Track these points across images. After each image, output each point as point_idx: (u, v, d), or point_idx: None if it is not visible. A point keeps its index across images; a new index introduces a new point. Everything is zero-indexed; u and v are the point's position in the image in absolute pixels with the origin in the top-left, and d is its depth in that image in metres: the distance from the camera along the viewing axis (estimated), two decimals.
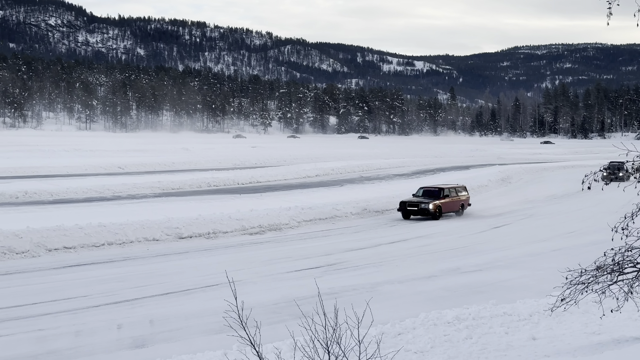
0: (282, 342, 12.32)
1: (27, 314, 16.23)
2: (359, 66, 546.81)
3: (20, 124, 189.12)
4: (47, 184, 43.36)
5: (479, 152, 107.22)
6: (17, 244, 23.80)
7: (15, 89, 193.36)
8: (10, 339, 14.19)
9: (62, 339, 14.24)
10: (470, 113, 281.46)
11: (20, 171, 52.97)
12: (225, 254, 25.17)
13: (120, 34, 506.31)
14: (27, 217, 28.93)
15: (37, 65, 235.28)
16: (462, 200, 37.77)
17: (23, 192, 39.61)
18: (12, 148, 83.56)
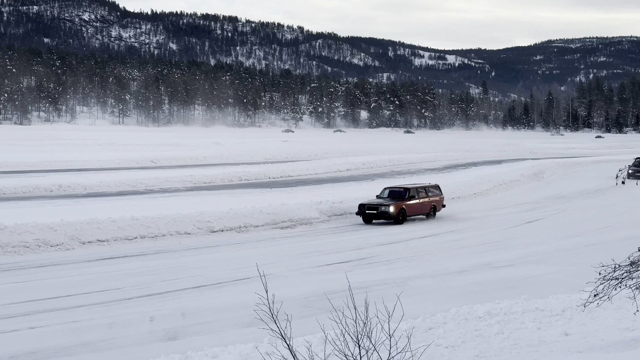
0: (312, 336, 12.34)
1: (62, 305, 16.43)
2: (390, 60, 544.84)
3: (55, 118, 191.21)
4: (81, 177, 43.82)
5: (511, 147, 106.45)
6: (52, 236, 24.10)
7: (49, 84, 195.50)
8: (45, 330, 14.38)
9: (96, 330, 14.39)
10: (502, 107, 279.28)
11: (54, 165, 53.63)
12: (256, 248, 25.28)
13: (153, 28, 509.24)
14: (61, 210, 29.27)
15: (71, 60, 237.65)
16: (434, 201, 33.81)
17: (57, 186, 40.08)
18: (47, 142, 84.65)
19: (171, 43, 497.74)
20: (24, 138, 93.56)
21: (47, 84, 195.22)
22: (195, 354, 12.19)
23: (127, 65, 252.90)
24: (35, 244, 23.54)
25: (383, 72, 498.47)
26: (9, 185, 39.04)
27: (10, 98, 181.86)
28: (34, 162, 53.73)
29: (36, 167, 52.00)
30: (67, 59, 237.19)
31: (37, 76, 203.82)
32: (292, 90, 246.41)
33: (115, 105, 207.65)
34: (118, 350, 13.02)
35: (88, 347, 13.27)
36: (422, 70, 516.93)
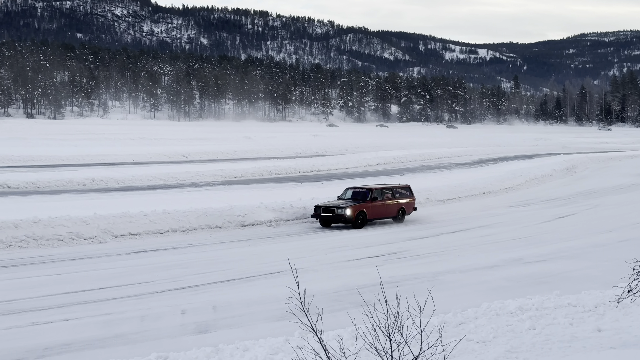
0: (343, 330, 12.36)
1: (95, 298, 16.62)
2: (421, 54, 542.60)
3: (88, 113, 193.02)
4: (113, 171, 44.22)
5: (543, 141, 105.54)
6: (85, 230, 24.37)
7: (82, 79, 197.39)
8: (78, 323, 14.56)
9: (128, 323, 14.54)
10: (534, 101, 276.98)
11: (87, 159, 54.16)
12: (287, 242, 25.35)
13: (184, 23, 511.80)
14: (94, 203, 29.56)
15: (104, 55, 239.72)
16: (402, 204, 30.65)
17: (90, 180, 40.48)
18: (80, 136, 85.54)
19: (202, 38, 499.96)
20: (57, 132, 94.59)
21: (80, 78, 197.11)
22: (227, 347, 12.26)
23: (158, 60, 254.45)
24: (68, 237, 23.83)
25: (414, 67, 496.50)
26: (43, 179, 39.51)
27: (44, 93, 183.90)
28: (67, 156, 54.31)
29: (69, 161, 52.56)
30: (99, 54, 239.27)
31: (70, 71, 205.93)
32: (322, 85, 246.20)
33: (147, 100, 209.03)
34: (150, 343, 13.14)
35: (121, 339, 13.41)
36: (453, 65, 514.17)
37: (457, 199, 38.00)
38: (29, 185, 37.99)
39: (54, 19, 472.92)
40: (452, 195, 38.14)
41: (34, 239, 23.15)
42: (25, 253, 22.10)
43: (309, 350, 8.31)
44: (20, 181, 38.28)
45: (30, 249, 22.49)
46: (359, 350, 8.51)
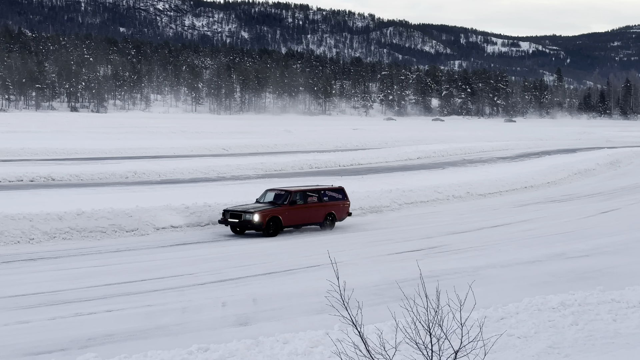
0: (383, 324, 12.34)
1: (137, 290, 16.81)
2: (462, 47, 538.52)
3: (130, 106, 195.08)
4: (155, 164, 44.63)
5: (586, 135, 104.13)
6: (127, 222, 24.65)
7: (125, 72, 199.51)
8: (121, 314, 14.74)
9: (170, 315, 14.69)
10: (577, 95, 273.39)
11: (129, 152, 54.74)
12: (328, 235, 25.38)
13: (225, 17, 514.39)
14: (136, 196, 29.88)
15: (146, 49, 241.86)
16: (331, 208, 26.93)
17: (132, 172, 40.92)
18: (122, 129, 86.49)
19: (243, 31, 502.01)
20: (100, 126, 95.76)
21: (122, 72, 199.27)
22: (267, 340, 12.31)
23: (200, 54, 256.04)
24: (111, 229, 24.12)
25: (454, 60, 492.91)
26: (87, 171, 40.03)
27: (87, 86, 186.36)
28: (110, 149, 54.95)
29: (112, 154, 53.18)
30: (142, 48, 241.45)
31: (113, 65, 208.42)
32: (362, 79, 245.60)
33: (189, 94, 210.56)
34: (191, 334, 13.26)
35: (162, 331, 13.55)
36: (495, 58, 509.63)
37: (499, 193, 37.70)
38: (72, 177, 38.52)
39: (97, 13, 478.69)
40: (493, 190, 37.84)
41: (77, 231, 23.48)
42: (69, 245, 22.43)
43: (349, 344, 8.31)
44: (64, 174, 38.83)
45: (73, 241, 22.82)
46: (399, 343, 8.48)
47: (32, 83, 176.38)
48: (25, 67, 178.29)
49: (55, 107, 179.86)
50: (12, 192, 31.12)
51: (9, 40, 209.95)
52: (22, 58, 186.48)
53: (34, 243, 22.35)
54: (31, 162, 45.33)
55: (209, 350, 11.78)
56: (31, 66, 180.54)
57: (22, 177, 37.27)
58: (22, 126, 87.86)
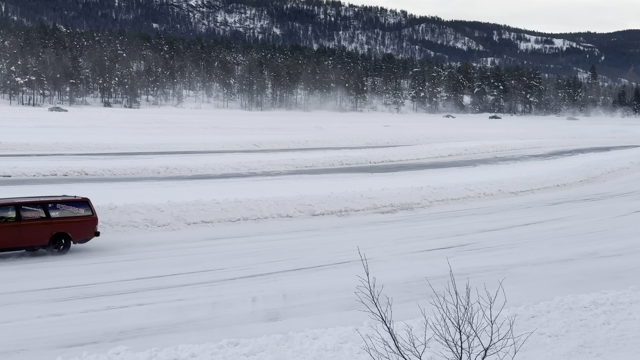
0: (412, 320, 12.33)
1: (168, 284, 16.95)
2: (494, 44, 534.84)
3: (162, 102, 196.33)
4: (187, 159, 44.89)
5: (620, 133, 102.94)
6: (159, 217, 24.84)
7: (157, 68, 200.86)
8: (152, 307, 14.88)
9: (200, 309, 14.79)
10: (612, 93, 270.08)
11: (161, 147, 55.11)
12: (357, 232, 25.36)
13: (257, 13, 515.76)
14: (168, 191, 30.07)
15: (178, 45, 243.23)
16: (63, 227, 20.70)
17: (164, 167, 41.20)
18: (154, 125, 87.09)
19: (275, 28, 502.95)
20: (133, 121, 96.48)
21: (155, 68, 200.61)
22: (296, 335, 12.36)
23: (232, 50, 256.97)
24: (143, 224, 24.33)
25: (487, 57, 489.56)
26: (119, 166, 40.37)
27: (120, 82, 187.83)
28: (142, 144, 55.36)
29: (144, 149, 53.57)
30: (174, 44, 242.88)
31: (146, 61, 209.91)
32: (394, 75, 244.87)
33: (220, 90, 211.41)
34: (221, 329, 13.34)
35: (193, 325, 13.65)
36: (528, 55, 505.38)
37: (530, 191, 37.42)
38: (105, 172, 38.88)
39: (130, 9, 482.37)
40: (524, 188, 37.56)
41: (110, 225, 23.71)
42: (102, 239, 22.63)
43: (378, 340, 8.32)
44: (97, 168, 39.21)
45: (106, 235, 23.02)
46: (429, 340, 8.48)
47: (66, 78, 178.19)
48: (59, 62, 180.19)
49: (89, 102, 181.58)
50: (46, 186, 31.47)
51: (44, 36, 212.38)
52: (57, 53, 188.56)
53: None
54: (65, 156, 45.81)
55: (239, 345, 11.85)
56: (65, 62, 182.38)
57: (56, 172, 37.73)
58: (57, 121, 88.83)
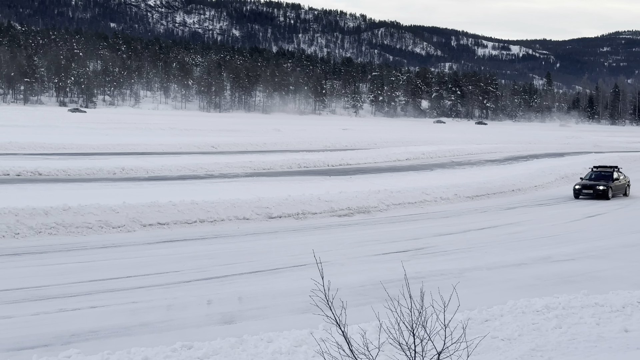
0: (367, 324, 12.36)
1: (122, 286, 16.76)
2: (453, 50, 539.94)
3: (119, 102, 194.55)
4: (143, 161, 44.51)
5: (574, 139, 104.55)
6: (114, 218, 24.57)
7: (115, 68, 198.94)
8: (105, 310, 14.70)
9: (155, 312, 14.65)
10: (566, 99, 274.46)
11: (118, 148, 54.57)
12: (314, 235, 25.36)
13: (217, 15, 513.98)
14: (123, 192, 29.78)
15: (136, 45, 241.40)
16: None
17: (120, 169, 40.79)
18: (111, 125, 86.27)
19: (234, 29, 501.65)
20: (89, 121, 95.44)
21: (112, 68, 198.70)
22: (251, 338, 12.31)
23: (190, 51, 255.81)
24: (97, 225, 24.04)
25: (445, 62, 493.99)
26: (74, 167, 39.88)
27: (76, 81, 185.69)
28: (98, 145, 54.77)
29: (100, 149, 52.99)
30: (132, 43, 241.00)
31: (103, 60, 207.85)
32: (353, 79, 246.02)
33: (178, 91, 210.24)
34: (176, 332, 13.23)
35: (147, 328, 13.52)
36: (485, 61, 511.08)
37: (486, 196, 37.79)
38: (59, 172, 38.37)
39: (88, 8, 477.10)
40: (480, 192, 37.93)
41: (63, 227, 23.39)
42: (55, 240, 22.34)
43: (333, 343, 8.32)
44: (52, 168, 38.67)
45: (59, 236, 22.72)
46: (382, 344, 8.50)
47: (20, 77, 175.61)
48: (14, 60, 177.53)
49: (44, 102, 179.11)
50: None
51: None
52: (11, 52, 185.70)
53: (19, 238, 22.24)
54: (18, 156, 45.14)
55: (192, 348, 11.77)
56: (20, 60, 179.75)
57: (9, 172, 37.10)
58: (10, 120, 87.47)
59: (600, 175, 39.58)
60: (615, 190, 38.88)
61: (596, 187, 38.07)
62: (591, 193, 38.09)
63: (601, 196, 37.86)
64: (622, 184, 39.68)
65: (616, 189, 38.98)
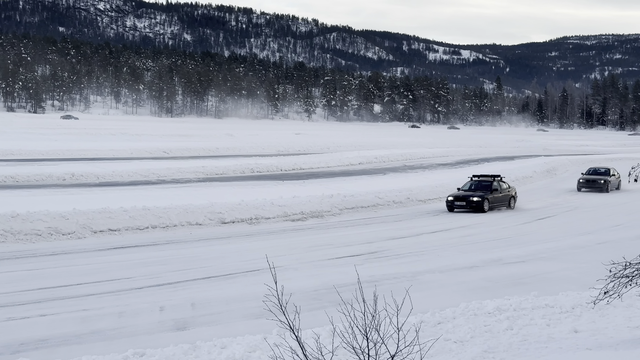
0: (321, 328, 12.37)
1: (72, 294, 16.52)
2: (404, 54, 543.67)
3: (69, 107, 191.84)
4: (94, 166, 43.99)
5: (524, 143, 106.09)
6: (64, 225, 24.21)
7: (64, 73, 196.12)
8: (55, 318, 14.46)
9: (106, 319, 14.46)
10: (516, 103, 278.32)
11: (67, 154, 53.84)
12: (267, 240, 25.31)
13: (168, 19, 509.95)
14: (73, 199, 29.39)
15: (86, 49, 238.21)
16: None
17: (70, 174, 40.25)
18: (60, 131, 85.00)
19: (185, 34, 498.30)
20: (38, 126, 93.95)
21: (61, 72, 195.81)
22: (204, 344, 12.23)
23: (141, 56, 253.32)
24: (47, 232, 23.67)
25: (397, 66, 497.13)
26: (23, 173, 39.24)
27: (24, 86, 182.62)
28: (47, 151, 53.98)
29: (49, 155, 52.23)
30: (81, 48, 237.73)
31: (52, 65, 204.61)
32: (305, 83, 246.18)
33: (129, 96, 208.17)
34: (128, 339, 13.07)
35: (98, 336, 13.34)
36: (436, 65, 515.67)
37: (439, 199, 38.11)
38: (7, 179, 37.72)
39: (36, 12, 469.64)
40: (433, 195, 38.23)
41: (12, 234, 22.98)
42: (3, 248, 21.94)
43: (286, 348, 8.30)
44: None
45: (8, 244, 22.33)
46: (336, 348, 8.51)
47: None
48: None
49: None
50: None
51: None
52: None
53: None
54: None
55: (145, 355, 11.65)
56: None
57: None
58: None
59: (479, 185, 35.90)
60: (494, 202, 35.06)
61: (469, 199, 34.30)
62: (464, 205, 34.28)
63: (476, 208, 34.00)
64: (504, 195, 35.74)
65: (495, 200, 35.15)
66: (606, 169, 47.02)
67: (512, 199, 36.29)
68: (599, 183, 44.68)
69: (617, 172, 46.64)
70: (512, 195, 36.42)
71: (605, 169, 47.01)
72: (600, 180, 44.80)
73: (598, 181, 44.80)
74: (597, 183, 44.72)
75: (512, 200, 36.28)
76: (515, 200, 36.60)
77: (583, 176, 46.12)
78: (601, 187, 44.51)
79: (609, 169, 46.70)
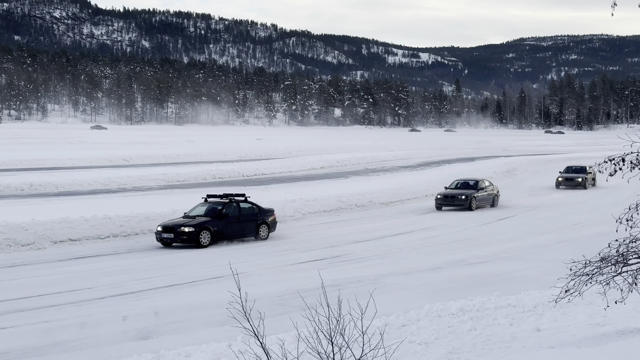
0: (286, 334, 12.34)
1: (33, 305, 16.28)
2: (364, 58, 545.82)
3: (26, 117, 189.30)
4: (53, 176, 43.41)
5: (484, 144, 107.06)
6: (23, 236, 23.86)
7: (20, 82, 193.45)
8: (15, 331, 14.24)
9: (68, 330, 14.27)
10: (475, 105, 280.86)
11: (25, 163, 53.05)
12: (231, 246, 25.20)
13: (125, 26, 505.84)
14: (32, 209, 28.98)
15: (42, 57, 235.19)
16: None
17: (28, 185, 39.69)
18: (17, 140, 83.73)
19: (144, 40, 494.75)
20: None
21: (17, 81, 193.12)
22: (168, 353, 12.14)
23: (99, 63, 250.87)
24: (5, 244, 23.30)
25: (357, 70, 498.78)
26: None
27: None
28: (4, 161, 53.13)
29: (6, 165, 51.42)
30: (38, 56, 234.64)
31: (7, 74, 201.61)
32: (265, 88, 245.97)
33: (87, 104, 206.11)
34: (90, 350, 12.92)
35: (60, 347, 13.15)
36: (396, 68, 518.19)
37: (400, 202, 38.30)
38: None
39: None
40: (395, 198, 38.40)
41: None
42: None
43: (252, 355, 8.25)
44: None
45: None
46: (301, 354, 8.49)
47: None
48: None
49: None
50: None
51: None
52: None
53: None
54: None
55: None
56: None
57: None
58: None
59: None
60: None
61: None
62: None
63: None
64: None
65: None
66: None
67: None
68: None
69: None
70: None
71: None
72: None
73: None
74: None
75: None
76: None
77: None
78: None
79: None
